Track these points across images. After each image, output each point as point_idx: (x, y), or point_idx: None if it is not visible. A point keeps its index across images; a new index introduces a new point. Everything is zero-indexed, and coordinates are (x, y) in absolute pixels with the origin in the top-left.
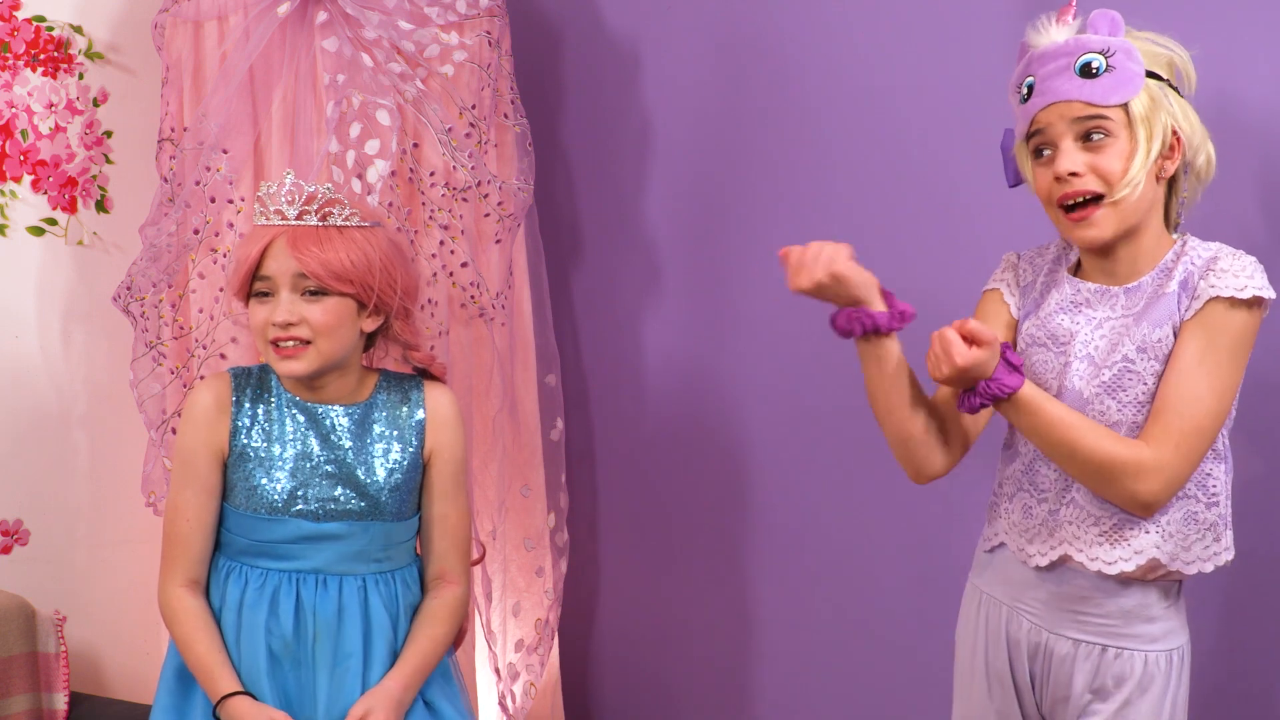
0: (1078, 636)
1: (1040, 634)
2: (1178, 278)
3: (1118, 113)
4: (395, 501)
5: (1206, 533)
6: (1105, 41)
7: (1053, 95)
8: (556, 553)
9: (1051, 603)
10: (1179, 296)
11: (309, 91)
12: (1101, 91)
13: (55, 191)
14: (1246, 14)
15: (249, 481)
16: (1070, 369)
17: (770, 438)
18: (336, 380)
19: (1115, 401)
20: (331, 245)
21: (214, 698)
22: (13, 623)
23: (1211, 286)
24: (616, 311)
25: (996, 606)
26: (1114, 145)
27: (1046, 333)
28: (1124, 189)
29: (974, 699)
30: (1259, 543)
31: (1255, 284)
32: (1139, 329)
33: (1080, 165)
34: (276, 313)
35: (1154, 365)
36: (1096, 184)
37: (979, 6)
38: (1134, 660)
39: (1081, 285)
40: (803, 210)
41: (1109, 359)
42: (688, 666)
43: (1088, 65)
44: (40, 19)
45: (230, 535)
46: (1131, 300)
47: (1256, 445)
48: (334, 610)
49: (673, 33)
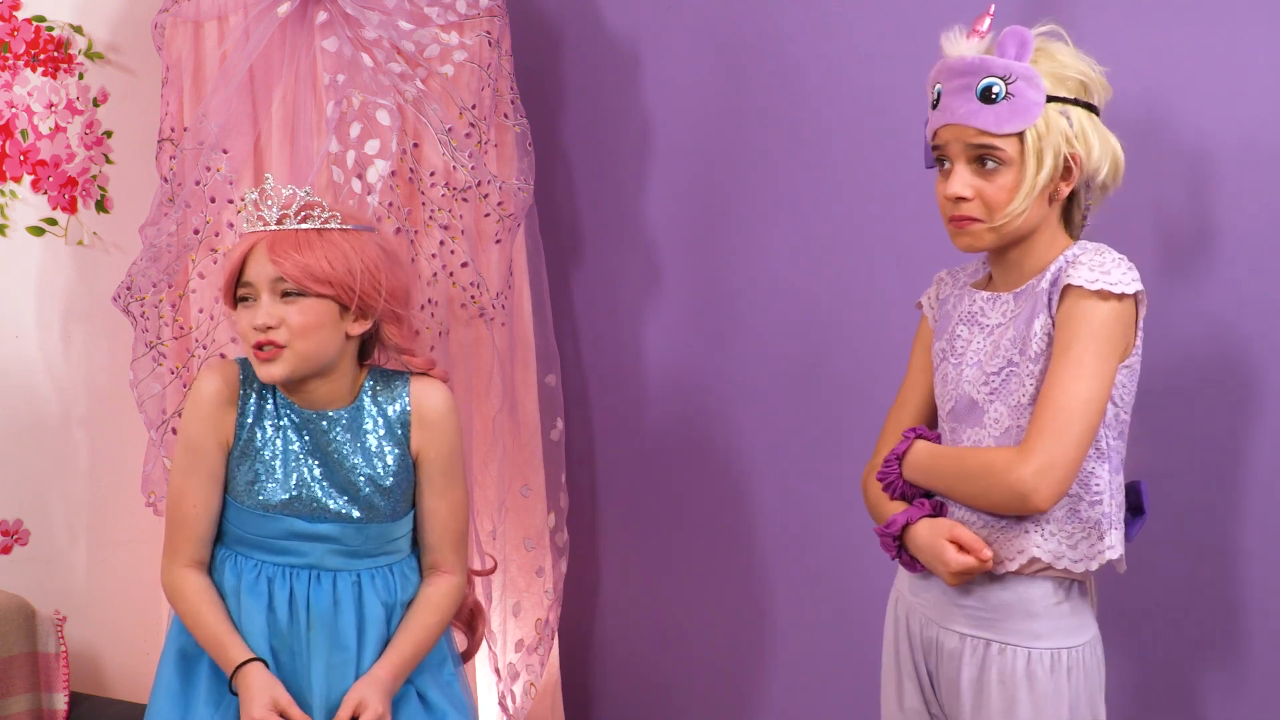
0: (963, 630)
1: (933, 628)
2: (1049, 278)
3: (1012, 141)
4: (390, 503)
5: (1091, 530)
6: (1008, 67)
7: (952, 115)
8: (556, 553)
9: (940, 596)
10: (1049, 294)
11: (309, 91)
12: (996, 119)
13: (55, 191)
14: (1246, 14)
15: (246, 476)
16: (962, 376)
17: (770, 437)
18: (323, 386)
19: (1005, 405)
20: (309, 247)
21: (228, 667)
22: (13, 623)
23: (1068, 277)
24: (616, 311)
25: (905, 603)
26: (1005, 173)
27: (949, 345)
28: (1003, 219)
29: (890, 697)
30: (1259, 543)
31: (1109, 279)
32: (1017, 328)
33: (968, 190)
34: (256, 316)
35: (1030, 365)
36: (979, 210)
37: (979, 6)
38: (1017, 657)
39: (977, 295)
40: (803, 210)
41: (994, 363)
42: (687, 666)
43: (988, 90)
44: (40, 19)
45: (228, 525)
46: (1019, 304)
47: (1256, 445)
48: (329, 603)
49: (673, 33)
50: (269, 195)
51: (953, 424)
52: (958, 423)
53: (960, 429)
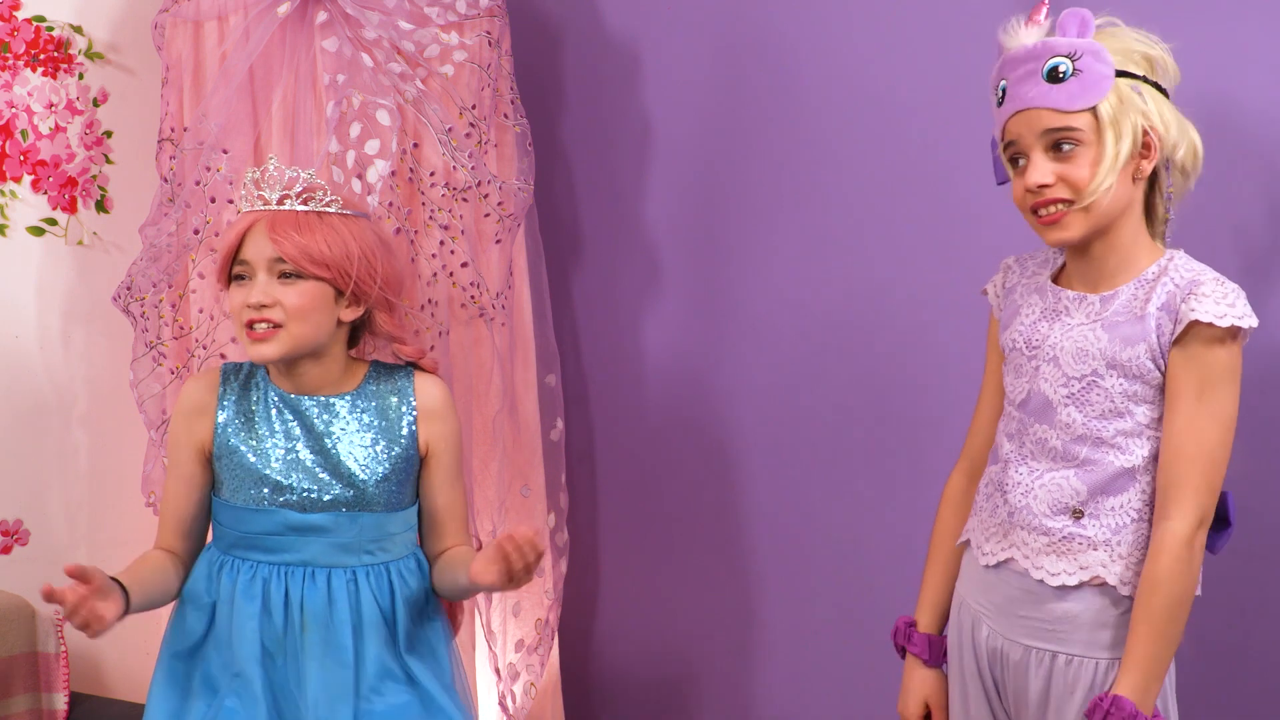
0: (1028, 642)
1: (997, 639)
2: (1158, 300)
3: (1086, 118)
4: (384, 494)
5: None
6: (1072, 44)
7: (1021, 102)
8: (556, 553)
9: (1004, 606)
10: (1158, 319)
11: (309, 91)
12: (1067, 97)
13: (55, 191)
14: (1248, 13)
15: (235, 474)
16: (1039, 373)
17: (770, 437)
18: (315, 369)
19: (1081, 414)
20: (310, 229)
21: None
22: (13, 623)
23: (1192, 310)
24: (616, 311)
25: (968, 610)
26: (1083, 153)
27: (1024, 339)
28: (1091, 195)
29: (955, 703)
30: (1259, 543)
31: (1235, 313)
32: (1111, 343)
33: (1049, 176)
34: (251, 294)
35: (1121, 383)
36: (1066, 191)
37: (979, 6)
38: (1084, 668)
39: (1061, 293)
40: (802, 209)
41: (1077, 369)
42: (688, 666)
43: (1054, 70)
44: (40, 19)
45: (221, 528)
46: (1106, 308)
47: (1257, 443)
48: (323, 602)
49: (673, 33)
50: (271, 175)
51: (1022, 415)
52: (1028, 415)
53: (1030, 422)
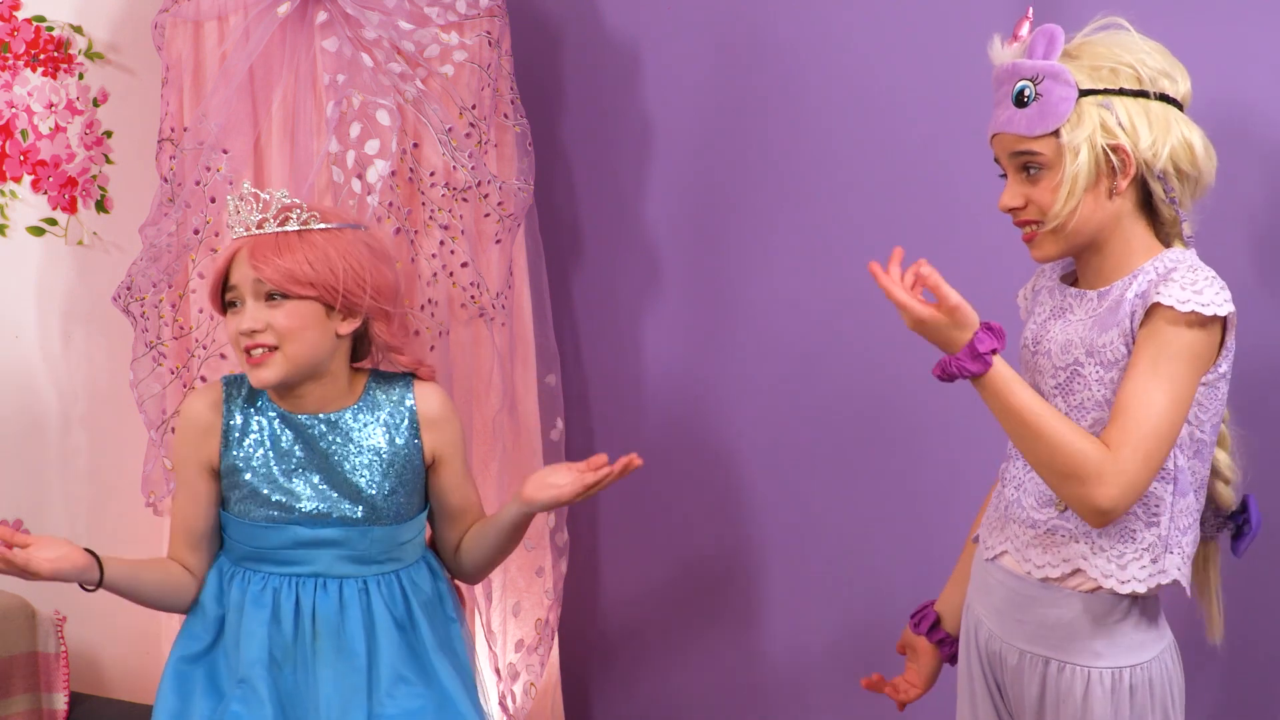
0: (1023, 647)
1: (996, 642)
2: (1137, 288)
3: (1049, 142)
4: (393, 506)
5: (1144, 553)
6: (1035, 67)
7: (995, 125)
8: (556, 553)
9: (1000, 609)
10: (1132, 304)
11: (309, 91)
12: (1027, 122)
13: (55, 191)
14: (1248, 13)
15: (242, 490)
16: (1039, 368)
17: (770, 437)
18: (316, 390)
19: (1065, 404)
20: (289, 250)
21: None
22: (13, 623)
23: (1158, 294)
24: (616, 311)
25: (971, 613)
26: (1048, 176)
27: (1032, 337)
28: (1054, 220)
29: (964, 705)
30: (1259, 543)
31: (1200, 300)
32: (1090, 331)
33: (1019, 199)
34: (243, 321)
35: (1098, 371)
36: (1035, 214)
37: (979, 6)
38: (1075, 677)
39: (1067, 291)
40: (803, 209)
41: (1062, 359)
42: (688, 666)
43: (1020, 94)
44: (40, 19)
45: (231, 541)
46: (1102, 304)
47: (1258, 444)
48: (334, 609)
49: (673, 33)
50: (247, 199)
51: None
52: None
53: None
